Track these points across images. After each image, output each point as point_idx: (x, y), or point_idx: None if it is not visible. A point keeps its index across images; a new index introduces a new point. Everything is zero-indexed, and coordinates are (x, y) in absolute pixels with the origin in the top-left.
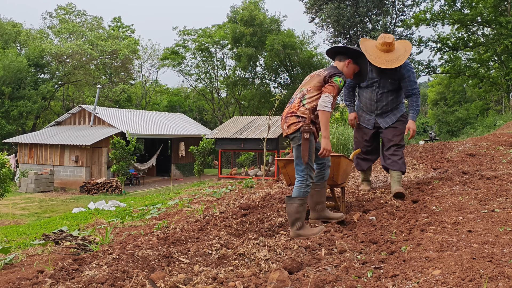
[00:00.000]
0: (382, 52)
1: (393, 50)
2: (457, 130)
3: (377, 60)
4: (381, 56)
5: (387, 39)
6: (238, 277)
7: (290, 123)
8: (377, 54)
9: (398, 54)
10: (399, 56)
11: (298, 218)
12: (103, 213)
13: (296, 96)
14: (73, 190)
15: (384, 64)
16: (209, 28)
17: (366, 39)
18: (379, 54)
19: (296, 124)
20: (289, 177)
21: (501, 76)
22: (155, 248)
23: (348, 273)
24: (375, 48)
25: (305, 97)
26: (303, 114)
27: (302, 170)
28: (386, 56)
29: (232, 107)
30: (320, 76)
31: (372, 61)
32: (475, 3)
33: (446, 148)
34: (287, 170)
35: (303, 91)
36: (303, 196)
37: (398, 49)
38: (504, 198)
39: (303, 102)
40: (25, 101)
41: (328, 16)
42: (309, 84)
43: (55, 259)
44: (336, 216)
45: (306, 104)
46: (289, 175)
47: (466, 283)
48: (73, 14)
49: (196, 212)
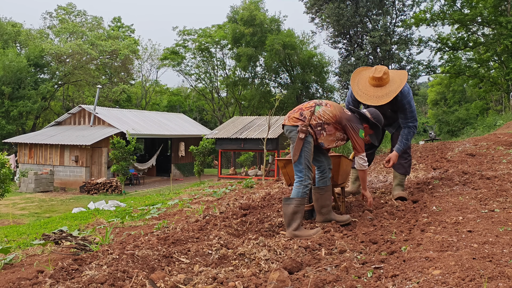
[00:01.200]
0: (372, 86)
1: (385, 85)
2: (457, 130)
3: (364, 95)
4: (369, 91)
5: (376, 74)
6: (238, 277)
7: (292, 116)
8: (366, 88)
9: (389, 89)
10: (389, 92)
11: (294, 219)
12: (103, 213)
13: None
14: (73, 190)
15: (371, 101)
16: (209, 28)
17: (362, 70)
18: (369, 89)
19: (296, 121)
20: (289, 177)
21: (501, 76)
22: (155, 248)
23: (348, 273)
24: (367, 81)
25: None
26: (306, 116)
27: (300, 170)
28: (375, 92)
29: (232, 107)
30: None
31: (358, 97)
32: (475, 3)
33: (446, 148)
34: (287, 170)
35: (322, 105)
36: (301, 196)
37: (392, 82)
38: (504, 198)
39: (317, 109)
40: (25, 101)
41: (328, 16)
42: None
43: (55, 259)
44: (343, 219)
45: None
46: (289, 175)
47: (466, 283)
48: (73, 14)
49: (196, 212)
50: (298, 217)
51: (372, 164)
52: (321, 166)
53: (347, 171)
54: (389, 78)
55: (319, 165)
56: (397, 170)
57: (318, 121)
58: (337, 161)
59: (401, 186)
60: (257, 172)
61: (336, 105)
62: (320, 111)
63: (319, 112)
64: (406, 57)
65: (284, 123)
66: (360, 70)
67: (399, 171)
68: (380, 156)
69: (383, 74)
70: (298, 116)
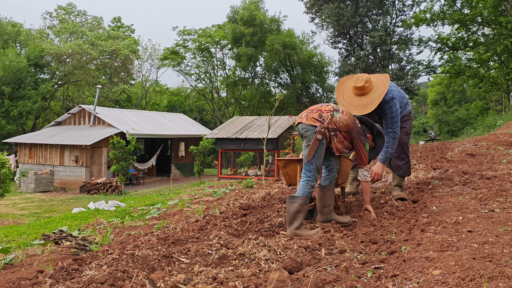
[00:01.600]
0: (356, 96)
1: (368, 92)
2: (457, 130)
3: (349, 106)
4: (354, 101)
5: (358, 83)
6: (238, 277)
7: (310, 116)
8: (351, 99)
9: (373, 96)
10: (373, 99)
11: (296, 218)
12: (103, 213)
13: (331, 105)
14: (73, 190)
15: (357, 111)
16: (209, 28)
17: (346, 79)
18: (353, 98)
19: (315, 121)
20: (289, 177)
21: (501, 76)
22: (155, 248)
23: (348, 273)
24: (351, 91)
25: (338, 114)
26: (325, 119)
27: (309, 170)
28: (359, 101)
29: (232, 107)
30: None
31: (344, 108)
32: (475, 3)
33: (446, 148)
34: (287, 170)
35: (339, 109)
36: (306, 196)
37: (376, 88)
38: (504, 198)
39: (335, 114)
40: (25, 101)
41: (328, 16)
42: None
43: (55, 259)
44: (344, 221)
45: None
46: (289, 175)
47: (466, 283)
48: (73, 14)
49: (196, 212)
50: (301, 217)
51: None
52: (330, 165)
53: (347, 171)
54: (372, 85)
55: (327, 163)
56: (395, 172)
57: (334, 126)
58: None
59: (400, 187)
60: (257, 172)
61: (351, 115)
62: (337, 117)
63: (335, 118)
64: (406, 57)
65: (301, 121)
66: (344, 80)
67: (397, 173)
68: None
69: (364, 82)
70: (317, 117)
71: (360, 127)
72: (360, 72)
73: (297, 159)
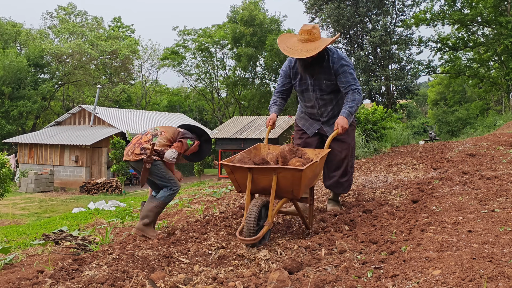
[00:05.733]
0: (301, 42)
1: (314, 40)
2: (457, 130)
3: (291, 50)
4: (298, 46)
5: (305, 27)
6: (238, 277)
7: (135, 152)
8: (294, 45)
9: (318, 44)
10: (318, 46)
11: (148, 216)
12: (103, 213)
13: (149, 132)
14: (73, 190)
15: (299, 54)
16: (209, 28)
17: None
18: (297, 44)
19: (139, 156)
20: (238, 184)
21: (501, 76)
22: (155, 248)
23: (348, 273)
24: (296, 41)
25: (157, 138)
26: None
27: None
28: (303, 46)
29: (232, 107)
30: (176, 132)
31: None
32: (475, 3)
33: (446, 148)
34: (235, 176)
35: (157, 131)
36: (163, 201)
37: (322, 40)
38: (504, 198)
39: (154, 140)
40: (25, 101)
41: (328, 16)
42: (166, 131)
43: (55, 259)
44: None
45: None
46: (238, 182)
47: (466, 283)
48: (73, 14)
49: (196, 212)
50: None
51: (373, 164)
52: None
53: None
54: (319, 34)
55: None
56: (333, 189)
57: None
58: (298, 175)
59: (336, 202)
60: None
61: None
62: (157, 142)
63: (156, 143)
64: (406, 57)
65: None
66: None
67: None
68: (380, 156)
69: (312, 27)
70: (139, 152)
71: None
72: (360, 71)
73: (247, 166)
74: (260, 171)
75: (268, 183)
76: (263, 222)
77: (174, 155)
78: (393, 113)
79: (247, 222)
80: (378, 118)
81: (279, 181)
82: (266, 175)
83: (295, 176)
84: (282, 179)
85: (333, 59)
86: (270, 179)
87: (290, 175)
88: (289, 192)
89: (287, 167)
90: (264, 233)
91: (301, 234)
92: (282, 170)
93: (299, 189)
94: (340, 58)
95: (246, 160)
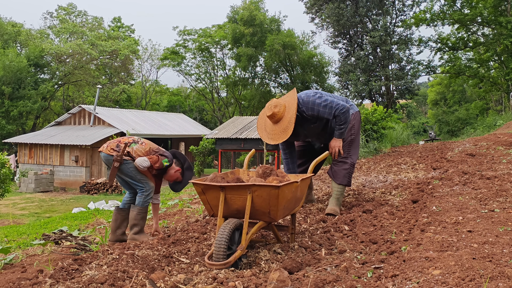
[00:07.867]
0: (274, 125)
1: (282, 117)
2: (457, 130)
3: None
4: (275, 130)
5: (268, 112)
6: (238, 277)
7: (110, 147)
8: (272, 129)
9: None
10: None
11: (136, 224)
12: (103, 213)
13: (134, 138)
14: (73, 190)
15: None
16: (209, 28)
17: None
18: (273, 128)
19: (112, 151)
20: (210, 206)
21: (501, 76)
22: (155, 248)
23: (348, 273)
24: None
25: (136, 145)
26: (120, 148)
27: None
28: (279, 127)
29: (232, 107)
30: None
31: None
32: (475, 3)
33: (446, 148)
34: (206, 197)
35: (140, 140)
36: (141, 206)
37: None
38: (504, 198)
39: (132, 145)
40: (25, 101)
41: (328, 16)
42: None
43: (55, 259)
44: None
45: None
46: (210, 203)
47: (466, 283)
48: (73, 14)
49: (196, 212)
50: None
51: (373, 164)
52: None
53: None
54: (283, 107)
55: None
56: (333, 179)
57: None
58: (275, 194)
59: (336, 200)
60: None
61: (152, 145)
62: (134, 148)
63: (133, 148)
64: (406, 57)
65: (102, 150)
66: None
67: (336, 181)
68: (380, 156)
69: (273, 108)
70: (114, 147)
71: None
72: (360, 71)
73: (219, 184)
74: (234, 189)
75: (242, 204)
76: (237, 247)
77: (144, 164)
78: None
79: (217, 245)
80: (378, 118)
81: (254, 201)
82: (240, 195)
83: (272, 194)
84: (257, 198)
85: (305, 111)
86: (244, 200)
87: (266, 193)
88: (265, 214)
89: (262, 184)
90: (236, 258)
91: (301, 234)
92: (257, 188)
93: (276, 210)
94: (307, 105)
95: (219, 179)
